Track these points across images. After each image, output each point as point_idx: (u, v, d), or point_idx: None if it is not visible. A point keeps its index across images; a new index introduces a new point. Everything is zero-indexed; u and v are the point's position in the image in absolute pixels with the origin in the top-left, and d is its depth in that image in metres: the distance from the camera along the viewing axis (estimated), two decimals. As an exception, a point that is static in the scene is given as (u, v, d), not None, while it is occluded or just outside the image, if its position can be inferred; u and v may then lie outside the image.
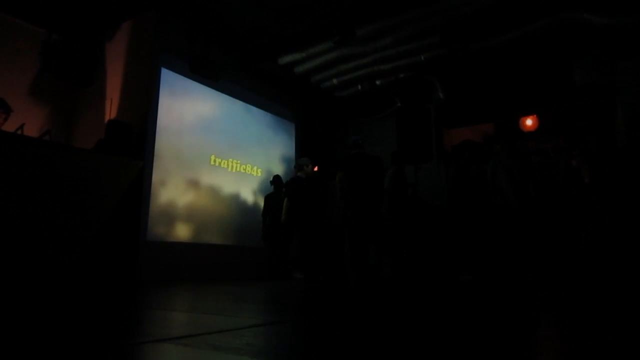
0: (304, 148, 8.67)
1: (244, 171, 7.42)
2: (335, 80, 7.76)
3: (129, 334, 1.93)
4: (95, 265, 4.54)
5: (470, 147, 6.11)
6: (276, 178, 7.25)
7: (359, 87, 7.87)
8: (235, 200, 7.21)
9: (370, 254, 5.47)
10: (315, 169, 7.69)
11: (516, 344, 1.74)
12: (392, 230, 5.86)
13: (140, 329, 2.07)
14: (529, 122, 8.69)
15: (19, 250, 3.80)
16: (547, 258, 5.49)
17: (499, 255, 5.43)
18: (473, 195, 5.75)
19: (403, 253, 6.01)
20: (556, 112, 8.12)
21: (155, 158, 5.91)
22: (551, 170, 6.70)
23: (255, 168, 7.65)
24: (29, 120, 4.88)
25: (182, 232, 6.26)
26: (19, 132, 4.51)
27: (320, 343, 1.75)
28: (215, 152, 6.90)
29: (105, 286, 4.44)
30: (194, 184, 6.50)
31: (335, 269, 6.58)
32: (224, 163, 7.04)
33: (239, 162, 7.33)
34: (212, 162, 6.81)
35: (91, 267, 4.46)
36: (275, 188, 7.10)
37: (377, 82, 7.67)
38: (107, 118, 5.78)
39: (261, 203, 7.38)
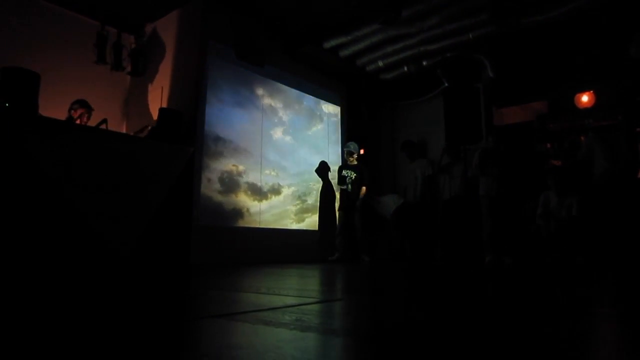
0: (350, 131, 8.64)
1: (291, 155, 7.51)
2: (380, 63, 7.67)
3: (186, 311, 2.03)
4: (151, 249, 4.73)
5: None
6: (321, 164, 7.40)
7: (405, 68, 7.74)
8: (283, 184, 7.31)
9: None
10: (362, 151, 7.75)
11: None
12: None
13: (196, 307, 2.16)
14: (584, 98, 8.32)
15: (80, 235, 4.01)
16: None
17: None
18: None
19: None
20: (613, 88, 7.74)
21: (204, 144, 6.06)
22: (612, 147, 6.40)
23: (301, 152, 7.71)
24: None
25: (232, 216, 6.41)
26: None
27: (368, 320, 1.78)
28: (262, 137, 7.00)
29: (160, 269, 4.63)
30: (242, 168, 6.62)
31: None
32: (271, 147, 7.14)
33: (285, 146, 7.42)
34: (259, 147, 6.91)
35: (147, 250, 4.66)
36: (320, 174, 7.32)
37: (424, 63, 7.52)
38: (158, 106, 5.96)
39: (308, 187, 7.61)
